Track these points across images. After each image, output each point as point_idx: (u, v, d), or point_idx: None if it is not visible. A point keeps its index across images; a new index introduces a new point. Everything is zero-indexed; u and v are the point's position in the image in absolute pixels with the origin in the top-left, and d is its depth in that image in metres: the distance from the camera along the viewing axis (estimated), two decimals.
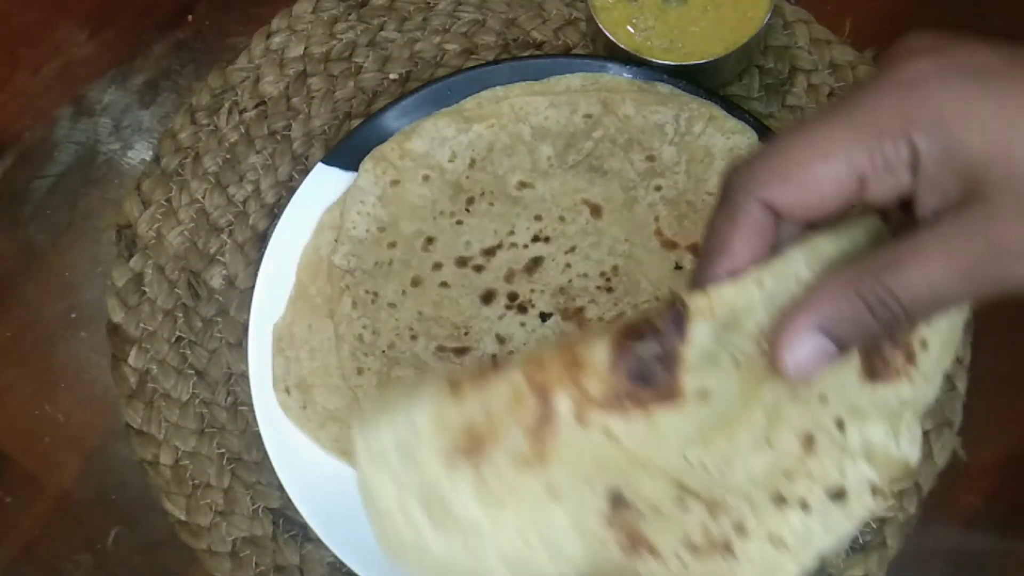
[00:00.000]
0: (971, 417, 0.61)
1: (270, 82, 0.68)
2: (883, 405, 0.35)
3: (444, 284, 0.60)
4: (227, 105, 0.68)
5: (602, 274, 0.60)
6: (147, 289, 0.64)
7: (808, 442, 0.33)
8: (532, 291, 0.60)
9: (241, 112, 0.68)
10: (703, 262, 0.33)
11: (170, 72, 0.70)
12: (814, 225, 0.33)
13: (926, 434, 0.60)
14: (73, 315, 0.65)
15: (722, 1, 0.62)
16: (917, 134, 0.29)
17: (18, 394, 0.64)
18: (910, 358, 0.35)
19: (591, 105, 0.62)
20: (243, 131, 0.67)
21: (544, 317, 0.60)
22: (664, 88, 0.62)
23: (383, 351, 0.59)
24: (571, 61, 0.64)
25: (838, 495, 0.33)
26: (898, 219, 0.34)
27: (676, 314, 0.32)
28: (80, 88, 0.70)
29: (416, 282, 0.61)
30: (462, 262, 0.61)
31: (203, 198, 0.66)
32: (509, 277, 0.60)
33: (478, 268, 0.61)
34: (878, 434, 0.35)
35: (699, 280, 0.33)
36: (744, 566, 0.33)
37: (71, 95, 0.70)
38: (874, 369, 0.35)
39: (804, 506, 0.33)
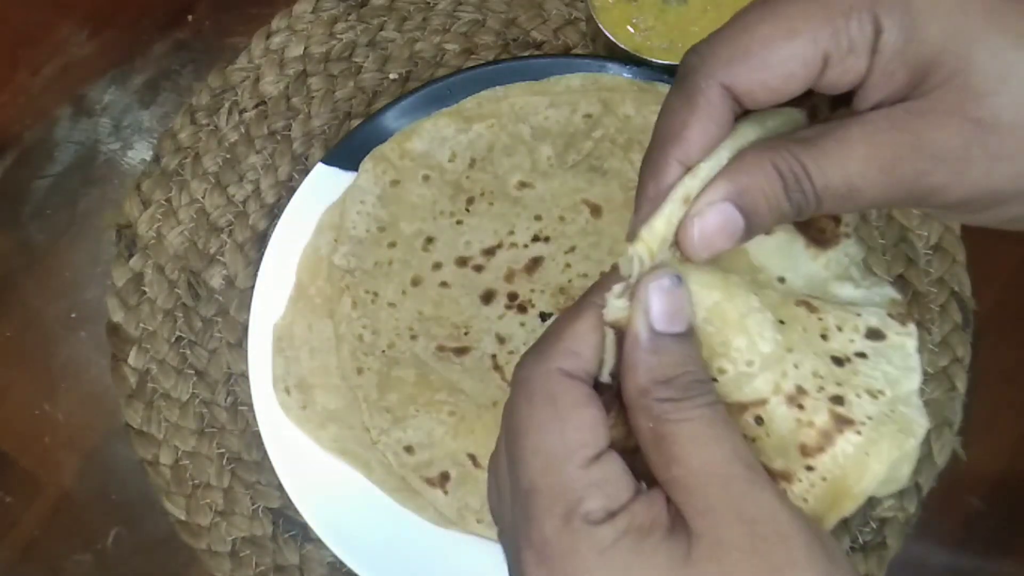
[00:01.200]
0: (971, 417, 0.61)
1: (270, 82, 0.68)
2: (836, 267, 0.34)
3: (444, 284, 0.60)
4: (227, 105, 0.68)
5: (602, 274, 0.60)
6: (147, 289, 0.64)
7: (810, 308, 0.32)
8: (532, 291, 0.60)
9: (241, 112, 0.68)
10: (655, 147, 0.30)
11: (170, 72, 0.70)
12: None
13: (926, 434, 0.60)
14: (73, 315, 0.65)
15: (722, 1, 0.62)
16: (883, 12, 0.28)
17: (18, 394, 0.64)
18: (837, 220, 0.34)
19: (591, 105, 0.62)
20: (243, 131, 0.67)
21: (544, 317, 0.60)
22: (664, 88, 0.62)
23: (383, 351, 0.59)
24: (571, 61, 0.64)
25: (874, 334, 0.31)
26: (824, 117, 0.33)
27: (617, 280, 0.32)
28: (80, 88, 0.70)
29: (416, 282, 0.61)
30: (462, 262, 0.61)
31: (203, 198, 0.66)
32: (509, 277, 0.60)
33: (478, 268, 0.61)
34: (847, 289, 0.34)
35: (647, 162, 0.31)
36: (876, 428, 0.30)
37: (71, 95, 0.70)
38: (816, 240, 0.33)
39: (860, 355, 0.31)
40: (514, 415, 0.30)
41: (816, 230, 0.34)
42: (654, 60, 0.62)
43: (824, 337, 0.31)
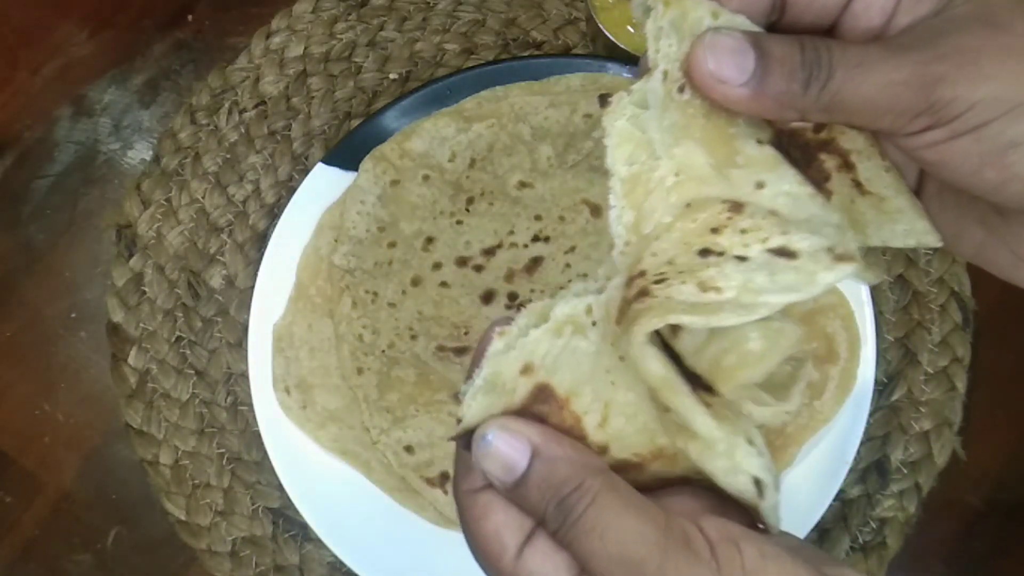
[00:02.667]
0: (971, 417, 0.61)
1: (270, 82, 0.68)
2: (821, 212, 0.32)
3: (444, 284, 0.60)
4: (227, 105, 0.68)
5: None
6: (147, 289, 0.64)
7: (736, 207, 0.31)
8: (532, 291, 0.60)
9: (241, 112, 0.68)
10: None
11: (170, 72, 0.70)
12: None
13: (926, 434, 0.60)
14: (73, 315, 0.65)
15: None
16: None
17: (18, 394, 0.64)
18: (847, 167, 0.33)
19: (591, 105, 0.62)
20: (243, 131, 0.67)
21: None
22: None
23: (383, 351, 0.59)
24: (571, 61, 0.64)
25: (784, 253, 0.30)
26: None
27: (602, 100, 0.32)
28: (80, 88, 0.70)
29: (416, 282, 0.61)
30: (462, 262, 0.61)
31: (203, 198, 0.66)
32: (509, 277, 0.60)
33: (478, 268, 0.61)
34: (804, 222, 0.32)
35: None
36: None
37: (71, 95, 0.70)
38: (815, 180, 0.32)
39: (740, 259, 0.30)
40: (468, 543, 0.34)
41: (816, 170, 0.33)
42: None
43: (715, 231, 0.31)
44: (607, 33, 0.62)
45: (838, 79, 0.30)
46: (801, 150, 0.32)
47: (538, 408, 0.31)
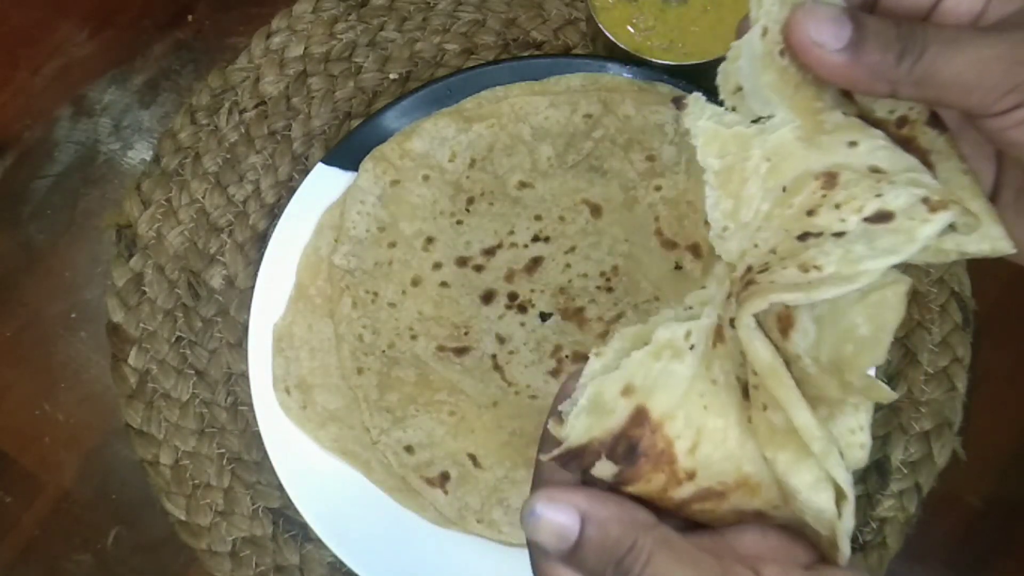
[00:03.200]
0: (971, 417, 0.61)
1: (270, 82, 0.68)
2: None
3: (444, 284, 0.60)
4: (227, 105, 0.68)
5: (602, 274, 0.60)
6: (147, 289, 0.64)
7: (829, 180, 0.31)
8: (532, 291, 0.60)
9: (241, 112, 0.68)
10: None
11: (170, 72, 0.70)
12: None
13: (926, 434, 0.60)
14: (73, 315, 0.65)
15: (722, 1, 0.62)
16: None
17: (18, 394, 0.64)
18: (926, 166, 0.33)
19: (591, 105, 0.62)
20: (243, 131, 0.67)
21: (544, 317, 0.60)
22: (664, 88, 0.62)
23: (383, 351, 0.59)
24: (571, 61, 0.64)
25: (880, 217, 0.30)
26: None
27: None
28: (80, 88, 0.70)
29: (416, 282, 0.61)
30: (462, 262, 0.61)
31: (203, 198, 0.66)
32: (509, 277, 0.60)
33: (478, 268, 0.61)
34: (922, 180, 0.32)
35: None
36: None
37: (71, 95, 0.70)
38: (901, 139, 0.33)
39: (838, 235, 0.30)
40: None
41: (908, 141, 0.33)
42: (654, 60, 0.62)
43: (810, 213, 0.31)
44: (607, 33, 0.62)
45: (931, 52, 0.30)
46: None
47: (633, 432, 0.32)
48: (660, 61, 0.62)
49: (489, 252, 0.61)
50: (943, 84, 0.30)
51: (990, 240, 0.32)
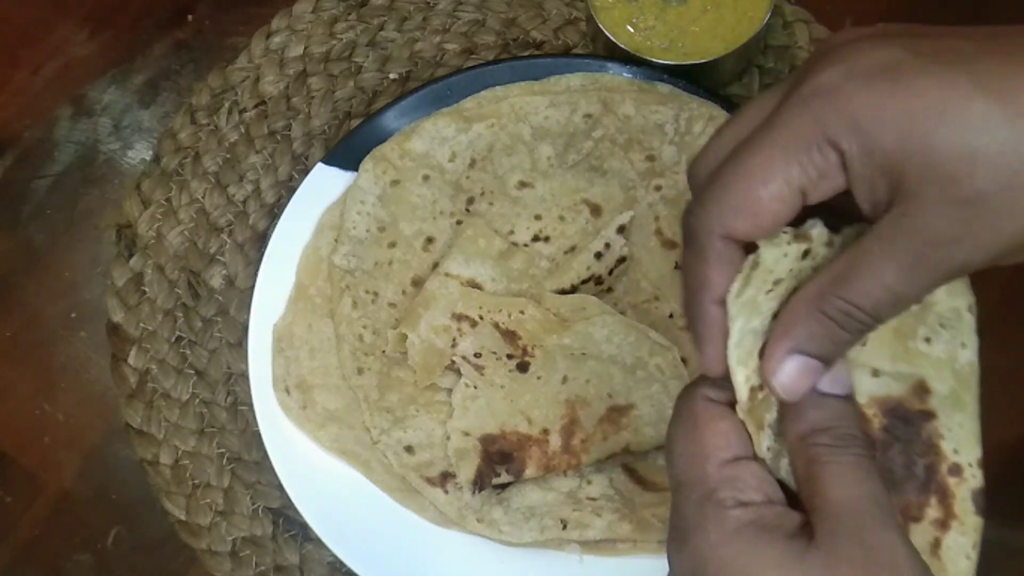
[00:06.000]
0: None
1: (270, 82, 0.68)
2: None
3: None
4: (227, 105, 0.68)
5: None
6: (147, 289, 0.64)
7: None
8: None
9: (241, 112, 0.68)
10: (690, 299, 0.35)
11: (170, 72, 0.70)
12: None
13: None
14: (73, 315, 0.65)
15: (722, 1, 0.62)
16: (838, 137, 0.31)
17: (18, 394, 0.64)
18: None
19: (591, 105, 0.62)
20: (243, 131, 0.67)
21: None
22: (664, 88, 0.62)
23: (383, 351, 0.59)
24: (571, 61, 0.64)
25: (944, 323, 0.36)
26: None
27: None
28: (80, 88, 0.70)
29: (416, 282, 0.61)
30: None
31: (203, 198, 0.66)
32: None
33: None
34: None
35: (690, 317, 0.35)
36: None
37: (71, 95, 0.70)
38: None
39: (926, 339, 0.36)
40: (669, 432, 0.36)
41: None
42: (654, 60, 0.62)
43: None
44: (607, 33, 0.62)
45: (884, 318, 0.33)
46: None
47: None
48: (660, 61, 0.62)
49: None
50: (902, 310, 0.33)
51: None
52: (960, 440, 0.36)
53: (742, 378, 0.34)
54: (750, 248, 0.34)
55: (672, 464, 0.35)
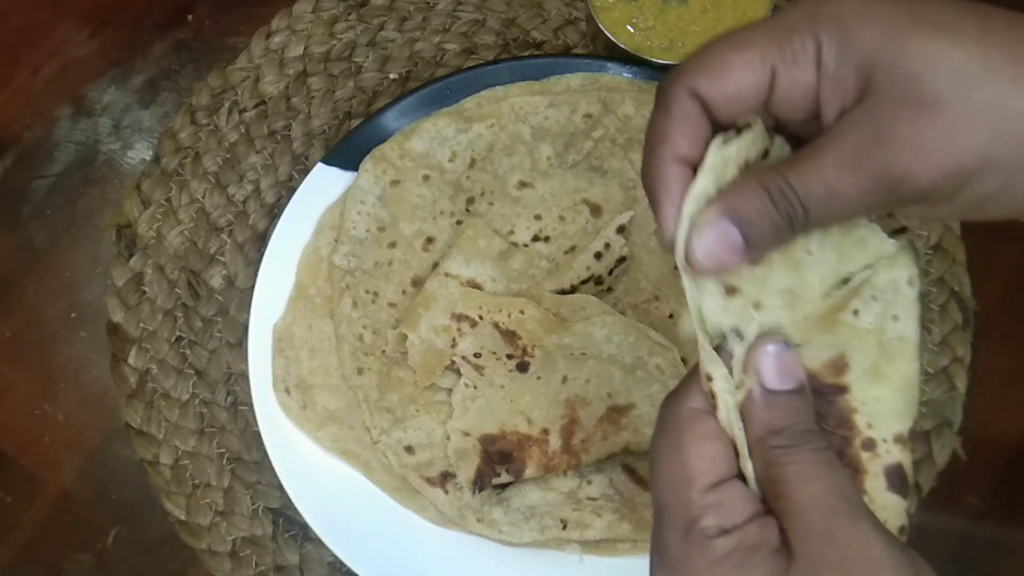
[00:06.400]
0: (971, 417, 0.61)
1: (270, 82, 0.68)
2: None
3: None
4: (227, 105, 0.68)
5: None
6: (147, 289, 0.64)
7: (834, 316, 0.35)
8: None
9: (241, 112, 0.68)
10: (648, 151, 0.35)
11: (170, 72, 0.70)
12: None
13: (926, 434, 0.60)
14: (73, 315, 0.65)
15: (722, 1, 0.62)
16: (821, 30, 0.32)
17: (18, 394, 0.64)
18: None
19: (591, 105, 0.62)
20: (243, 131, 0.67)
21: None
22: None
23: (383, 351, 0.59)
24: (571, 61, 0.64)
25: (877, 296, 0.35)
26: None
27: None
28: (80, 88, 0.70)
29: (416, 282, 0.61)
30: None
31: (203, 198, 0.66)
32: None
33: None
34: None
35: (646, 169, 0.35)
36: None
37: (71, 95, 0.70)
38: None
39: (854, 312, 0.35)
40: (653, 445, 0.36)
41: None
42: (654, 60, 0.62)
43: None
44: (607, 33, 0.62)
45: (814, 213, 0.33)
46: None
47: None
48: (660, 61, 0.62)
49: None
50: (840, 220, 0.34)
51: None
52: (876, 414, 0.34)
53: (719, 388, 0.34)
54: (717, 127, 0.34)
55: (655, 484, 0.35)
